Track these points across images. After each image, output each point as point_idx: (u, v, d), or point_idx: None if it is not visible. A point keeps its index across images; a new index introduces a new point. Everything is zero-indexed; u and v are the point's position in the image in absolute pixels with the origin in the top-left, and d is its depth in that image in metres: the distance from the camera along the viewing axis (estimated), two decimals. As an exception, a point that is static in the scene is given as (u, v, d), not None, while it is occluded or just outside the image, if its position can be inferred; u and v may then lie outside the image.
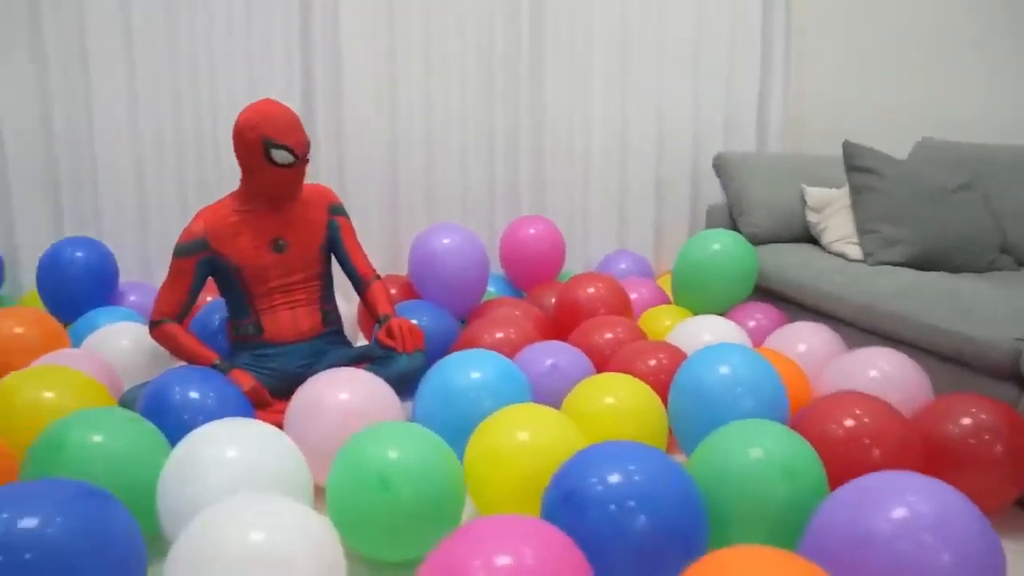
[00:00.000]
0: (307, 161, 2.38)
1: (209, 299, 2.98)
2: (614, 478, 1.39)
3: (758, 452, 1.53)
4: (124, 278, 3.21)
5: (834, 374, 2.11)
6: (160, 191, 3.45)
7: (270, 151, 2.29)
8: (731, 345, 1.96)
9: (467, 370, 2.00)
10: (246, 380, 2.24)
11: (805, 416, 1.78)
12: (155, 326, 2.35)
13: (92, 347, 2.49)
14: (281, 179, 2.34)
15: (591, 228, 3.90)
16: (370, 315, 2.52)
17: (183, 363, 2.42)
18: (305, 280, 2.46)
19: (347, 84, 3.53)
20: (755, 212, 3.28)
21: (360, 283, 2.53)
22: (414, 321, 2.64)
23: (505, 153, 3.76)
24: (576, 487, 1.38)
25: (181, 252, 2.35)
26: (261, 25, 3.45)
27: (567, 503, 1.37)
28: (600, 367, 2.40)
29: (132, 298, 3.11)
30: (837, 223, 3.03)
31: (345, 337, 2.59)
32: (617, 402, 1.93)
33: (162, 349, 2.55)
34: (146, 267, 3.44)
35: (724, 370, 1.88)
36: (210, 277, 2.42)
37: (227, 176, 3.46)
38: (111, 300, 3.02)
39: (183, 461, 1.53)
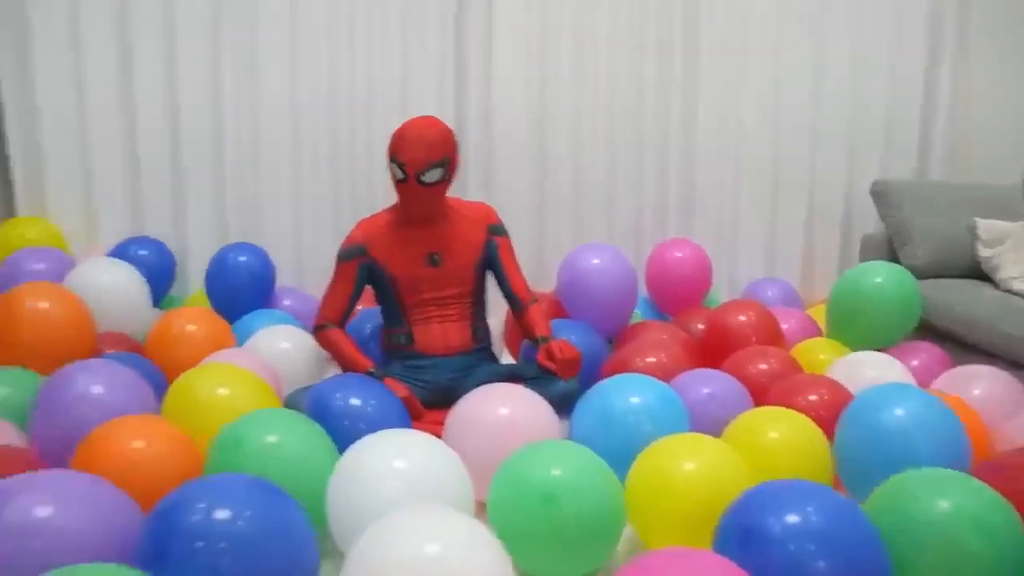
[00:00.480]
0: (424, 184, 2.34)
1: (360, 308, 3.06)
2: (795, 518, 1.33)
3: (946, 503, 1.44)
4: (280, 283, 3.34)
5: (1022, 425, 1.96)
6: (316, 203, 3.58)
7: (390, 163, 2.37)
8: (907, 386, 1.87)
9: (627, 394, 1.98)
10: (400, 389, 2.28)
11: (993, 469, 1.66)
12: (319, 330, 2.45)
13: (254, 347, 2.59)
14: (402, 194, 2.40)
15: (738, 253, 3.80)
16: (525, 335, 2.52)
17: (337, 367, 2.50)
18: (458, 296, 2.49)
19: (497, 102, 3.58)
20: (919, 243, 3.11)
21: (517, 304, 2.53)
22: (571, 339, 2.60)
23: (654, 174, 3.72)
24: (755, 524, 1.33)
25: (342, 256, 2.45)
26: (416, 40, 3.54)
27: (746, 540, 1.32)
28: (755, 398, 2.32)
29: (287, 302, 3.24)
30: (1014, 259, 2.84)
31: (494, 354, 2.61)
32: (782, 437, 1.86)
33: (319, 353, 2.64)
34: (300, 275, 3.57)
35: (900, 412, 1.78)
36: (369, 285, 2.49)
37: (379, 190, 3.55)
38: (269, 303, 3.15)
39: (353, 468, 1.57)
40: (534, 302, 2.52)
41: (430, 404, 2.43)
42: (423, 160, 2.32)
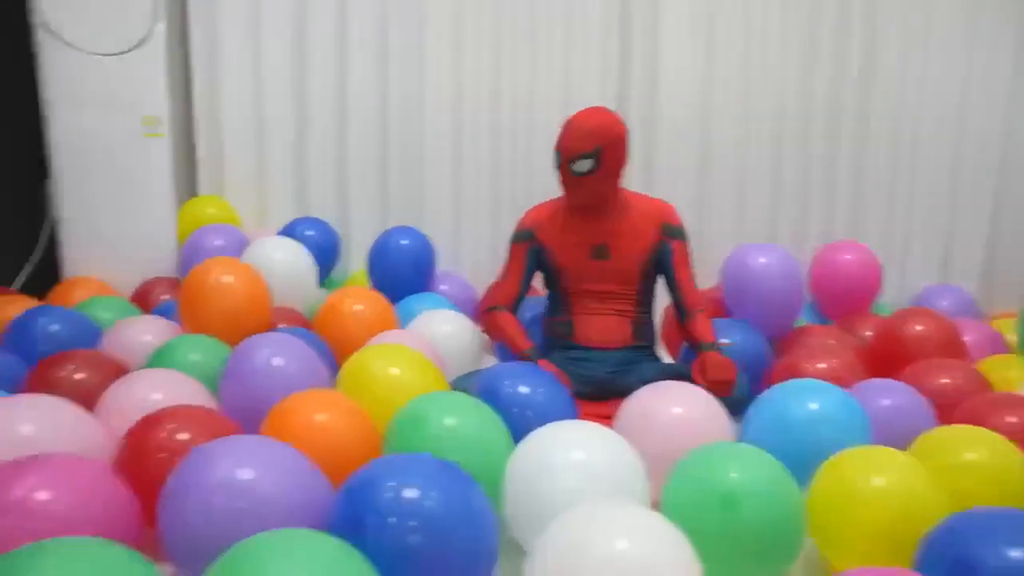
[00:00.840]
0: (574, 174, 2.33)
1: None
2: (1016, 552, 1.23)
3: None
4: (438, 268, 3.40)
5: None
6: (475, 194, 3.63)
7: (556, 144, 2.37)
8: None
9: (805, 400, 1.89)
10: (550, 369, 2.28)
11: None
12: (487, 312, 2.48)
13: (417, 330, 2.64)
14: (562, 181, 2.39)
15: (909, 256, 3.60)
16: (687, 340, 2.45)
17: (494, 356, 2.52)
18: (622, 292, 2.45)
19: (663, 91, 3.52)
20: None
21: (684, 313, 2.44)
22: (734, 339, 2.52)
23: (823, 171, 3.57)
24: (972, 557, 1.24)
25: (513, 239, 2.49)
26: (580, 36, 3.53)
27: (959, 572, 1.23)
28: (939, 414, 2.18)
29: (444, 287, 3.30)
30: None
31: (655, 353, 2.56)
32: (979, 459, 1.72)
33: (478, 339, 2.68)
34: (457, 261, 3.63)
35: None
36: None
37: (537, 185, 3.56)
38: (428, 287, 3.22)
39: (531, 457, 1.56)
40: (701, 311, 2.43)
41: (587, 397, 2.42)
42: (572, 149, 2.33)
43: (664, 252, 2.43)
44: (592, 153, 2.30)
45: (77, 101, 3.13)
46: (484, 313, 2.51)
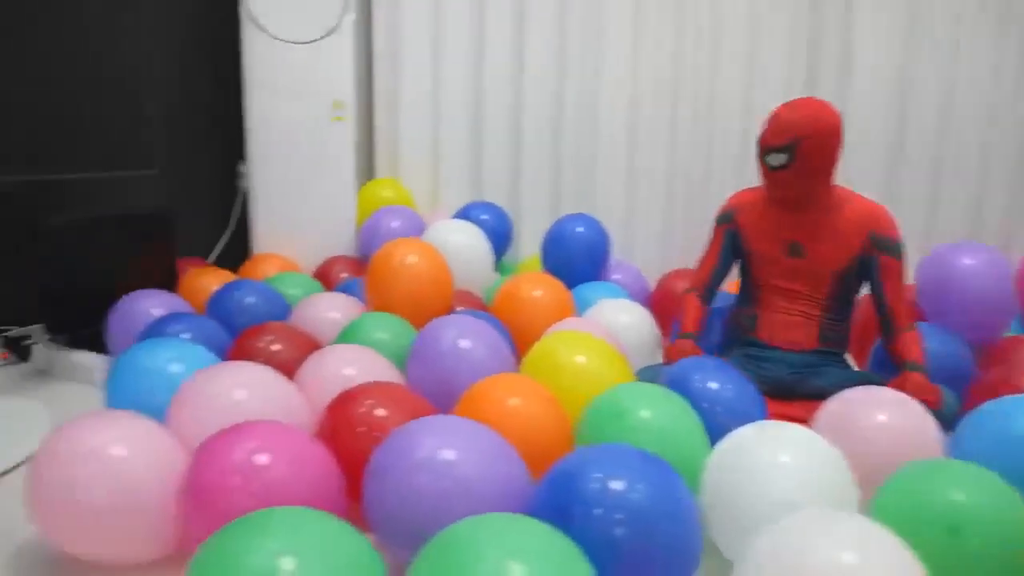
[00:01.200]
0: (768, 167, 2.22)
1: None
2: None
3: None
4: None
5: None
6: (649, 184, 3.57)
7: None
8: None
9: (1030, 416, 1.72)
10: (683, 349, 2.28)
11: None
12: (685, 293, 2.44)
13: (594, 318, 2.62)
14: (765, 180, 2.28)
15: None
16: (891, 357, 2.29)
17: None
18: (811, 295, 2.32)
19: (856, 86, 3.34)
20: None
21: (889, 329, 2.26)
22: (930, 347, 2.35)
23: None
24: None
25: (715, 220, 2.45)
26: (766, 28, 3.39)
27: None
28: None
29: (616, 276, 3.25)
30: None
31: (843, 359, 2.41)
32: None
33: (654, 331, 2.63)
34: (629, 250, 3.58)
35: None
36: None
37: (715, 176, 3.46)
38: (601, 275, 3.18)
39: (734, 458, 1.50)
40: (911, 329, 2.24)
41: (769, 395, 2.32)
42: (766, 142, 2.23)
43: (870, 265, 2.25)
44: (786, 147, 2.17)
45: (272, 87, 3.29)
46: (684, 293, 2.47)
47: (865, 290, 2.35)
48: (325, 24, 3.31)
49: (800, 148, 2.16)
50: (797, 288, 2.32)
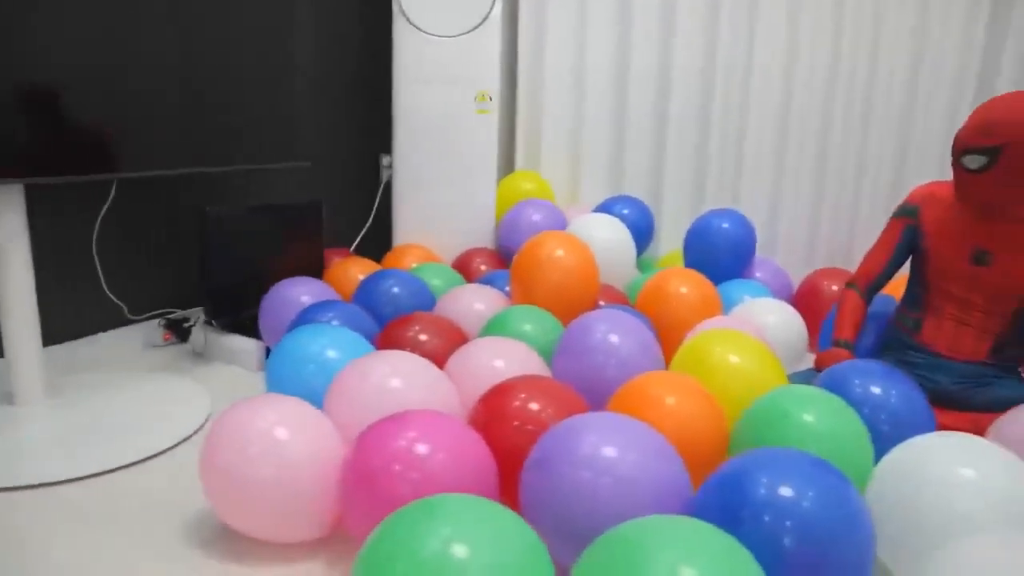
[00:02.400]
0: (964, 169, 1.99)
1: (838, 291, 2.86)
2: None
3: None
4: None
5: None
6: (798, 175, 3.43)
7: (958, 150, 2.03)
8: None
9: None
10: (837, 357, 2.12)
11: None
12: (846, 287, 2.31)
13: (742, 317, 2.53)
14: (958, 181, 2.06)
15: None
16: None
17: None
18: (990, 309, 2.12)
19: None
20: None
21: None
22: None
23: None
24: None
25: (895, 213, 2.28)
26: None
27: None
28: None
29: (758, 274, 3.14)
30: None
31: (1020, 375, 2.21)
32: None
33: (803, 333, 2.52)
34: (773, 247, 3.46)
35: None
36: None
37: (868, 172, 3.29)
38: (745, 273, 3.08)
39: (909, 468, 1.41)
40: None
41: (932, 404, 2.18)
42: (965, 141, 1.98)
43: None
44: (988, 149, 1.94)
45: (420, 79, 3.34)
46: (845, 287, 2.33)
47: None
48: (474, 18, 3.33)
49: (1005, 153, 1.91)
50: (975, 299, 2.12)
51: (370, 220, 3.78)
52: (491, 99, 3.38)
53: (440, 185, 3.46)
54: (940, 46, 3.25)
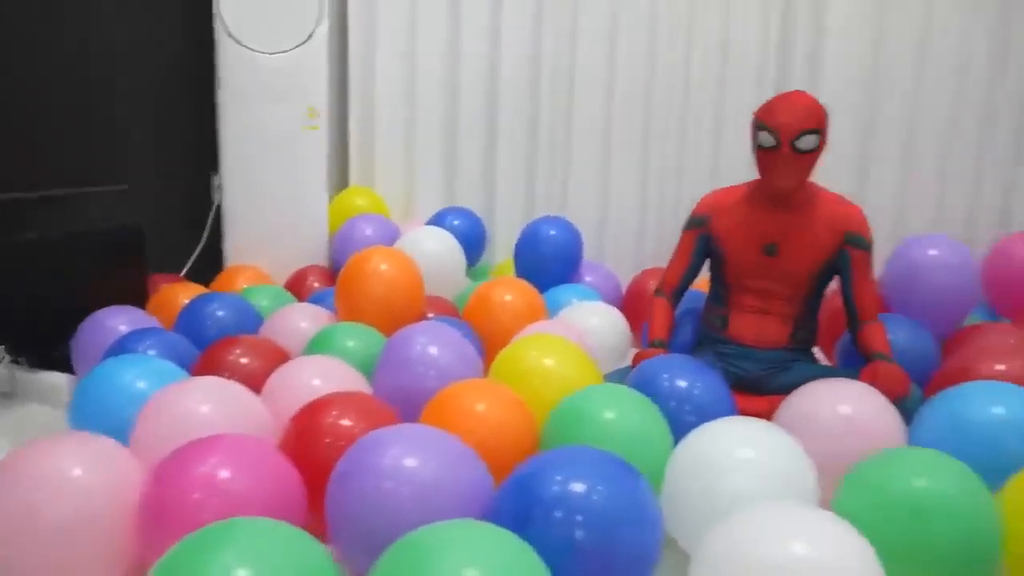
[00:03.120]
0: (797, 151, 2.15)
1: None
2: None
3: None
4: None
5: None
6: (623, 178, 3.58)
7: (757, 132, 2.21)
8: None
9: (988, 403, 1.74)
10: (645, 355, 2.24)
11: None
12: (654, 295, 2.45)
13: (565, 321, 2.63)
14: (763, 163, 2.22)
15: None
16: (858, 349, 2.32)
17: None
18: (786, 294, 2.31)
19: (825, 73, 3.37)
20: None
21: (855, 321, 2.28)
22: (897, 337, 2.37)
23: (1002, 154, 3.33)
24: None
25: (686, 225, 2.42)
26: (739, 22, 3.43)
27: None
28: None
29: (588, 277, 3.26)
30: None
31: (813, 356, 2.43)
32: None
33: (626, 331, 2.64)
34: (602, 250, 3.60)
35: None
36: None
37: (688, 175, 3.49)
38: (574, 278, 3.19)
39: (695, 455, 1.51)
40: (876, 321, 2.26)
41: (737, 392, 2.35)
42: (799, 125, 2.14)
43: (843, 260, 2.26)
44: (816, 130, 2.13)
45: (246, 97, 3.28)
46: (652, 296, 2.47)
47: (833, 284, 2.37)
48: (300, 34, 3.31)
49: (824, 134, 2.17)
50: (771, 287, 2.32)
51: (202, 243, 3.67)
52: (320, 115, 3.36)
53: (271, 203, 3.41)
54: (744, 48, 3.47)
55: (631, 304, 3.18)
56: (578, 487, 1.27)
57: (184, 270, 3.60)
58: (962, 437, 1.74)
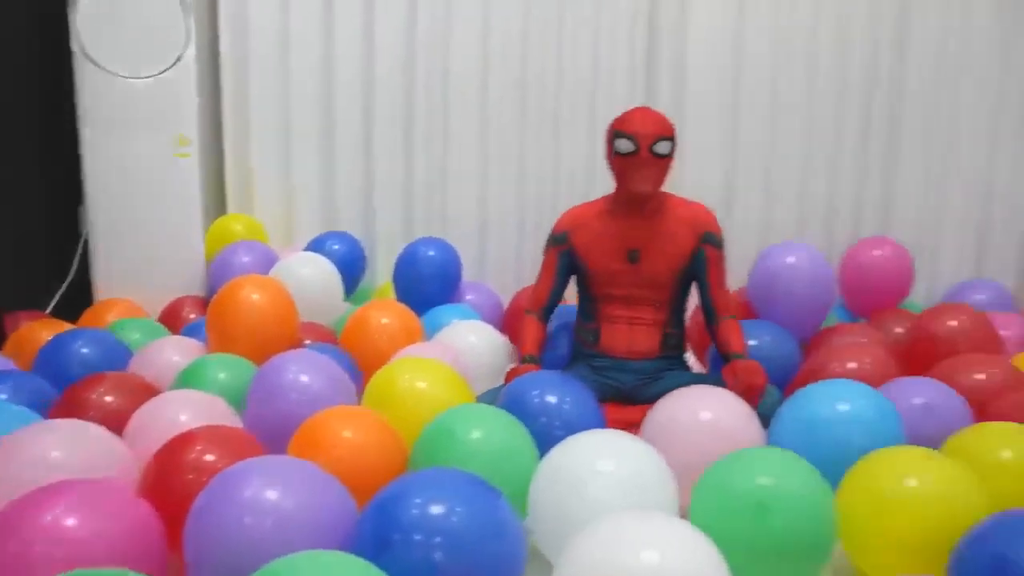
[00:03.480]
0: (655, 156, 2.28)
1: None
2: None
3: None
4: (464, 278, 3.40)
5: None
6: (501, 200, 3.63)
7: (615, 140, 2.31)
8: None
9: (834, 401, 1.86)
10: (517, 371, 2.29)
11: None
12: (525, 315, 2.49)
13: (443, 341, 2.65)
14: (622, 169, 2.33)
15: (941, 251, 3.54)
16: (717, 348, 2.42)
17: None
18: (652, 299, 2.40)
19: (690, 87, 3.50)
20: None
21: (713, 318, 2.40)
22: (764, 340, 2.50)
23: (852, 165, 3.53)
24: (1009, 558, 1.21)
25: (548, 243, 2.48)
26: (607, 33, 3.52)
27: (999, 571, 1.20)
28: (975, 412, 2.13)
29: (469, 297, 3.29)
30: None
31: (686, 363, 2.53)
32: (1016, 457, 1.69)
33: (505, 348, 2.69)
34: (482, 270, 3.63)
35: None
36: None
37: (563, 188, 3.57)
38: (454, 298, 3.22)
39: (557, 469, 1.55)
40: (732, 317, 2.39)
41: (612, 403, 2.42)
42: (655, 131, 2.28)
43: (699, 259, 2.38)
44: (671, 138, 2.30)
45: (110, 124, 3.19)
46: (524, 312, 2.50)
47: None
48: (167, 58, 3.23)
49: (675, 141, 2.32)
50: (637, 294, 2.40)
51: (69, 278, 3.52)
52: (192, 142, 3.29)
53: (143, 234, 3.31)
54: (611, 54, 3.58)
55: (512, 322, 3.21)
56: (436, 509, 1.29)
57: (50, 307, 3.45)
58: (812, 434, 1.85)
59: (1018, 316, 2.94)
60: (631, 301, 2.41)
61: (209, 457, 1.59)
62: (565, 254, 2.44)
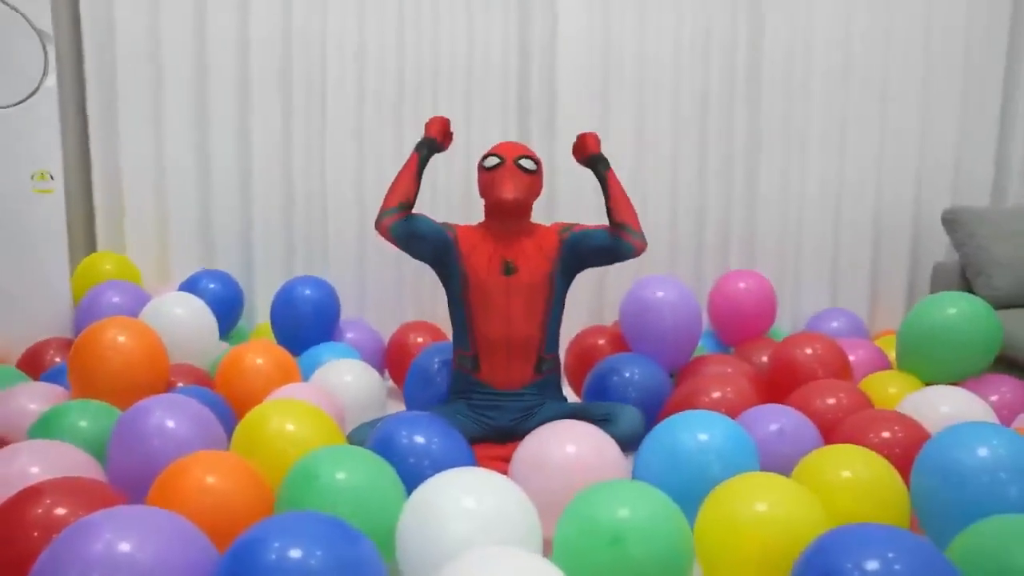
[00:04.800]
0: (520, 168, 2.49)
1: (430, 343, 3.10)
2: (876, 564, 1.29)
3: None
4: (344, 316, 3.38)
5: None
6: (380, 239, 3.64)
7: (483, 161, 2.52)
8: (991, 425, 1.80)
9: (694, 431, 1.95)
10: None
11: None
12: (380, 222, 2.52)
13: (319, 381, 2.63)
14: (490, 182, 2.50)
15: (802, 283, 3.75)
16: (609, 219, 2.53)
17: (401, 406, 2.52)
18: (527, 312, 2.49)
19: (560, 122, 3.60)
20: (996, 273, 3.02)
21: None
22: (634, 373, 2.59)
23: (716, 204, 3.70)
24: (835, 569, 1.30)
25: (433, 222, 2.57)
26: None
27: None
28: (824, 435, 2.27)
29: (350, 335, 3.28)
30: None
31: (560, 388, 2.60)
32: (856, 476, 1.81)
33: (381, 386, 2.69)
34: (362, 307, 3.62)
35: (983, 452, 1.72)
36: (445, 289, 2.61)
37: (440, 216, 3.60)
38: (333, 336, 3.20)
39: (422, 507, 1.57)
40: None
41: (490, 440, 2.46)
42: (521, 152, 2.52)
43: (569, 239, 2.54)
44: (535, 160, 2.54)
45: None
46: (379, 224, 2.51)
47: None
48: (22, 88, 3.10)
49: (539, 169, 2.56)
50: (514, 310, 2.48)
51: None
52: (52, 177, 3.16)
53: (2, 273, 3.15)
54: (487, 103, 3.66)
55: (394, 357, 3.22)
56: (295, 553, 1.29)
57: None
58: (673, 464, 1.92)
59: (865, 341, 3.13)
60: (508, 318, 2.48)
61: (60, 511, 1.52)
62: (448, 241, 2.53)
